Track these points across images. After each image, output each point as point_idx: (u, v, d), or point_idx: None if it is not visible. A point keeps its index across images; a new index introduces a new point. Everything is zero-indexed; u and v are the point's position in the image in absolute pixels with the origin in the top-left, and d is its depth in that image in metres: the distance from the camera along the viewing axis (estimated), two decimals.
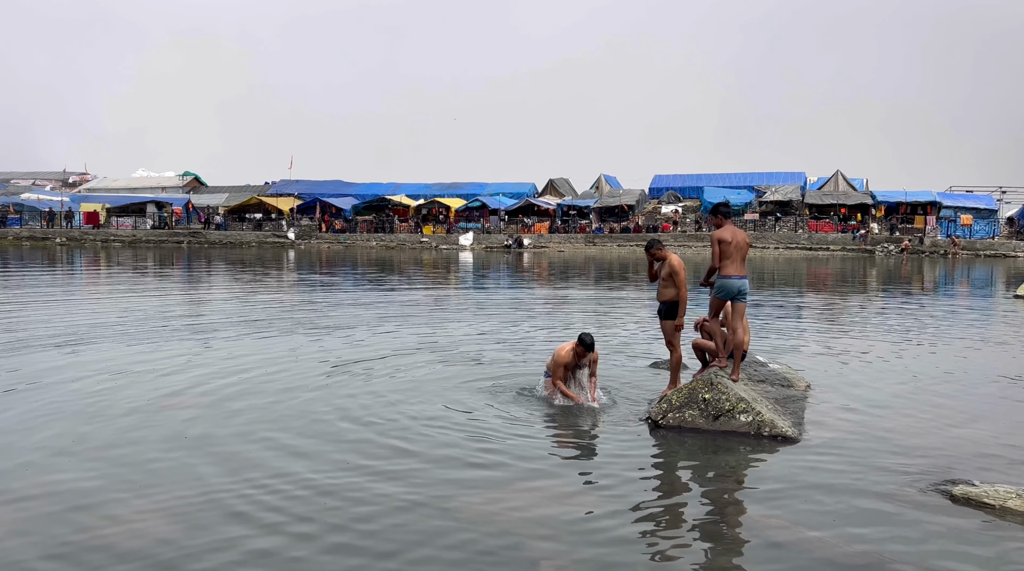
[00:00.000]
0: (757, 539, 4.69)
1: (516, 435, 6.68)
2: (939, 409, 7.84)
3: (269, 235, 56.50)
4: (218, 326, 13.09)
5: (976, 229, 52.13)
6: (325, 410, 7.45)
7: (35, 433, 6.57)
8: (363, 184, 68.08)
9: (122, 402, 7.62)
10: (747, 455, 6.34)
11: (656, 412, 7.13)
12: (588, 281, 26.03)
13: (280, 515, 4.92)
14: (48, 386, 8.30)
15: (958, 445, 6.59)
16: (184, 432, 6.64)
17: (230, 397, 7.92)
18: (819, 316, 16.57)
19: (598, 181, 65.41)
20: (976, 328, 14.43)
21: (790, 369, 9.09)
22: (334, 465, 5.87)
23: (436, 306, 17.47)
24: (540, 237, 54.08)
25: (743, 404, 6.93)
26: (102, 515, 4.91)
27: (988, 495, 5.21)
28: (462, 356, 10.40)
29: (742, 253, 7.51)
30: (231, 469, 5.75)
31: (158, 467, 5.78)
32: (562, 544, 4.56)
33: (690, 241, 48.76)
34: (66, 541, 4.53)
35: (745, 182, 61.03)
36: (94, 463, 5.86)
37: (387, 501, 5.16)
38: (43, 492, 5.26)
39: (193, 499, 5.15)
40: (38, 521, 4.80)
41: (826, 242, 49.92)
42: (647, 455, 6.37)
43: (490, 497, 5.26)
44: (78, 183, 79.58)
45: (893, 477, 5.72)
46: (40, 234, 55.34)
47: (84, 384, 8.42)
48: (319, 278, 25.90)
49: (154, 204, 62.20)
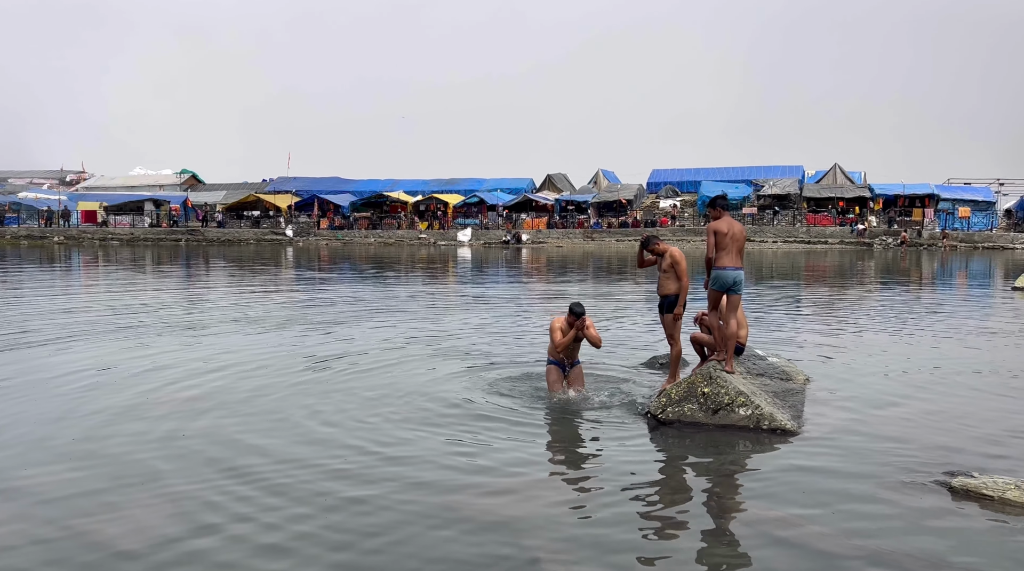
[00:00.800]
0: (757, 532, 4.69)
1: (514, 429, 6.68)
2: (938, 401, 7.85)
3: (267, 232, 56.47)
4: (206, 323, 13.09)
5: (974, 221, 52.15)
6: (322, 407, 7.45)
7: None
8: (361, 181, 67.95)
9: (93, 402, 7.58)
10: (746, 448, 6.35)
11: (655, 406, 7.14)
12: (586, 276, 26.03)
13: (275, 515, 4.91)
14: (25, 385, 8.31)
15: (957, 437, 6.60)
16: (182, 428, 6.64)
17: (209, 395, 7.92)
18: (818, 309, 16.57)
19: (596, 176, 65.34)
20: (975, 320, 14.43)
21: (789, 362, 9.09)
22: (330, 461, 5.87)
23: (434, 301, 17.46)
24: (538, 232, 54.06)
25: (742, 398, 6.94)
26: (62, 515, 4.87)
27: (987, 487, 5.22)
28: (459, 351, 10.40)
29: (738, 245, 7.51)
30: (214, 465, 5.75)
31: (121, 468, 5.71)
32: (562, 538, 4.56)
33: (688, 235, 48.72)
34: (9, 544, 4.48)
35: (743, 176, 61.02)
36: (59, 464, 5.77)
37: (383, 498, 5.16)
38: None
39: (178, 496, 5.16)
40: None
41: (824, 235, 49.91)
42: (646, 449, 6.37)
43: (489, 491, 5.26)
44: (75, 182, 79.37)
45: (892, 469, 5.72)
46: (38, 233, 55.28)
47: (58, 382, 8.43)
48: (317, 275, 25.88)
49: (152, 202, 62.13)
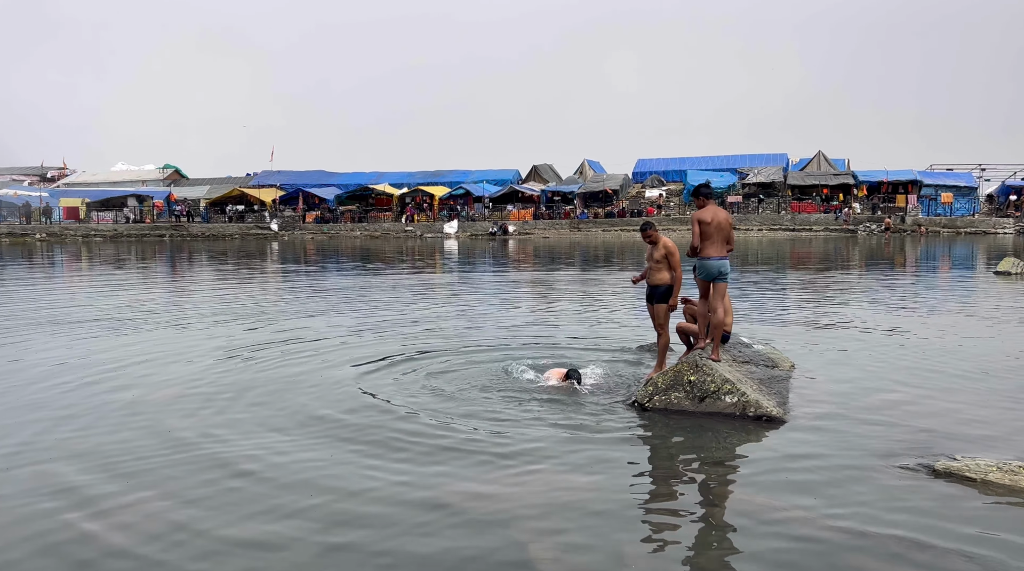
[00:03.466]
0: (745, 518, 4.73)
1: (502, 420, 6.70)
2: (921, 386, 7.93)
3: (252, 227, 56.16)
4: (190, 317, 13.04)
5: (957, 206, 52.64)
6: (312, 400, 7.45)
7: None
8: (346, 174, 67.63)
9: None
10: (733, 435, 6.39)
11: (642, 395, 7.17)
12: (573, 266, 26.06)
13: (266, 511, 4.92)
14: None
15: (940, 421, 6.67)
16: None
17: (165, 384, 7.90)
18: (802, 296, 16.68)
19: (582, 166, 65.36)
20: (957, 305, 14.58)
21: (774, 350, 9.16)
22: (326, 458, 5.87)
23: (422, 293, 17.44)
24: (525, 223, 54.05)
25: (728, 385, 6.99)
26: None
27: (969, 469, 5.29)
28: (446, 342, 10.40)
29: (723, 234, 7.56)
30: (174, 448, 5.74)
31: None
32: (550, 527, 4.58)
33: (674, 224, 48.87)
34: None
35: (728, 165, 61.21)
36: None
37: (375, 490, 5.17)
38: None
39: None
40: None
41: (809, 223, 50.22)
42: (634, 438, 6.41)
43: (477, 481, 5.28)
44: (56, 178, 78.55)
45: (877, 454, 5.79)
46: (20, 230, 54.72)
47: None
48: (304, 268, 25.77)
49: (135, 198, 61.62)
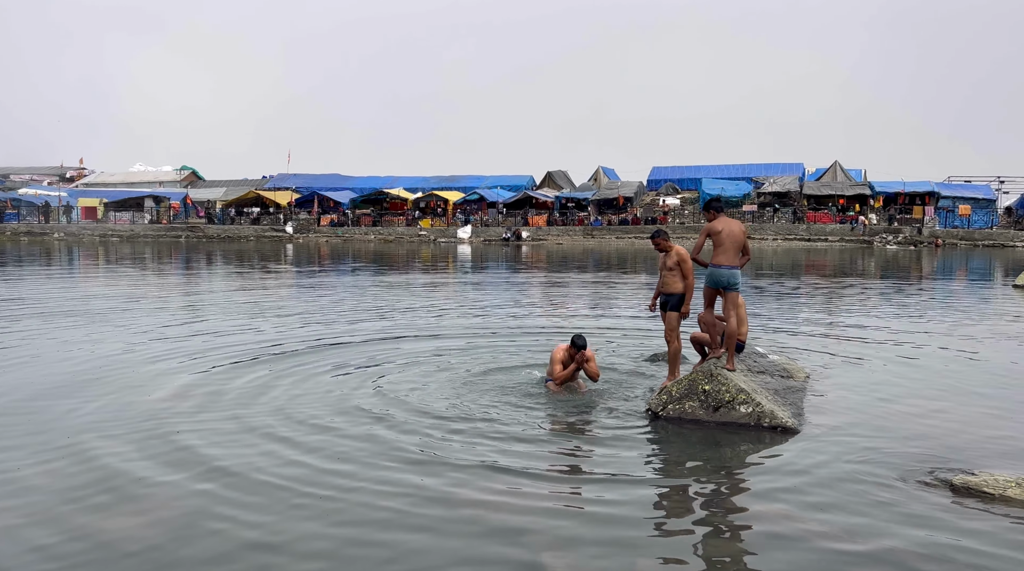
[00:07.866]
0: (758, 529, 4.69)
1: (515, 428, 6.68)
2: (938, 399, 7.85)
3: (267, 229, 56.46)
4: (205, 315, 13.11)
5: (975, 219, 52.17)
6: (318, 403, 7.46)
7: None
8: (361, 177, 67.97)
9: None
10: (747, 446, 6.35)
11: (656, 403, 7.14)
12: (586, 273, 26.02)
13: (267, 510, 4.93)
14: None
15: (957, 434, 6.59)
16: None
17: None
18: (818, 307, 16.57)
19: (596, 173, 65.33)
20: (975, 318, 14.43)
21: (789, 360, 9.10)
22: (328, 457, 5.88)
23: (435, 297, 17.46)
24: (538, 230, 54.05)
25: (743, 395, 6.94)
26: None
27: (988, 484, 5.22)
28: (459, 348, 10.40)
29: (736, 244, 7.55)
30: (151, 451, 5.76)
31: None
32: (564, 536, 4.56)
33: (688, 233, 48.72)
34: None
35: (743, 173, 60.98)
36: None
37: (387, 496, 5.16)
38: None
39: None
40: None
41: (824, 233, 49.92)
42: (647, 446, 6.38)
43: (490, 490, 5.26)
44: (75, 178, 79.35)
45: (893, 467, 5.72)
46: (38, 229, 55.30)
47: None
48: (317, 270, 25.87)
49: (152, 198, 62.14)
